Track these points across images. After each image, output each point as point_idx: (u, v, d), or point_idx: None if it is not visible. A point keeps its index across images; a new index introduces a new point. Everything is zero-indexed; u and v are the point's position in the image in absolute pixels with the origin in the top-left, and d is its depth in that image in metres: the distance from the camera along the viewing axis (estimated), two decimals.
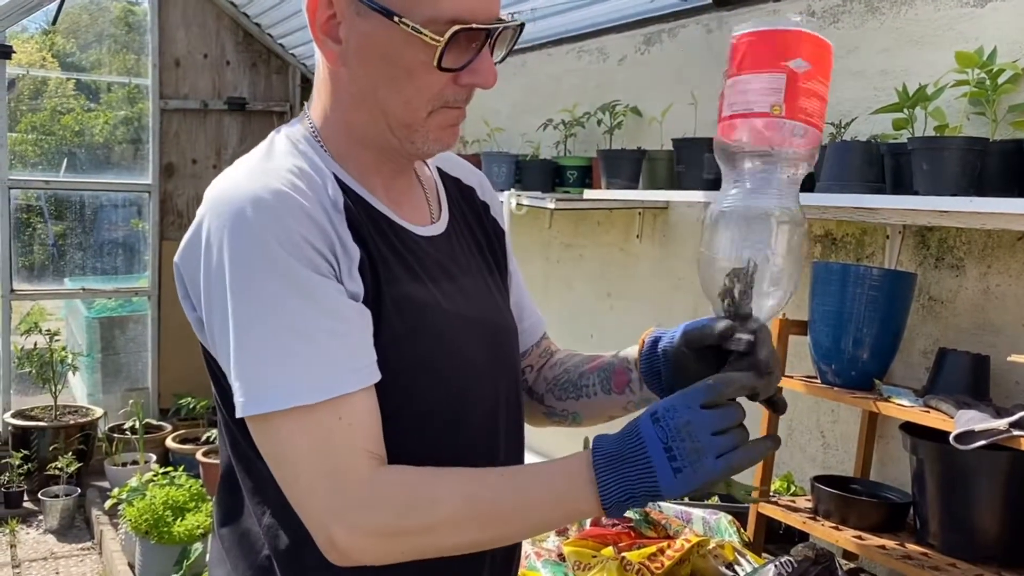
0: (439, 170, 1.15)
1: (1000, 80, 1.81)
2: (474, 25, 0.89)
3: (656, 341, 1.07)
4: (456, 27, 0.88)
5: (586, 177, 3.12)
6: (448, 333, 0.99)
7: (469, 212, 1.14)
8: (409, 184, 1.06)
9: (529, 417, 1.21)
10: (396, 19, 0.88)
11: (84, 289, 5.26)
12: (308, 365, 0.87)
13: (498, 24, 0.92)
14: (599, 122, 3.01)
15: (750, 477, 2.26)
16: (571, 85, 3.40)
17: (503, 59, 0.98)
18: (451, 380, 0.99)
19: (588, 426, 1.19)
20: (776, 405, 1.00)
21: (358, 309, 0.91)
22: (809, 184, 2.17)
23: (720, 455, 0.85)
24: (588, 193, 2.86)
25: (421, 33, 0.88)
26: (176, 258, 0.96)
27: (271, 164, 0.94)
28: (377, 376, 0.91)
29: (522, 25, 0.97)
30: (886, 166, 1.93)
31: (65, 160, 5.33)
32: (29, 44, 5.36)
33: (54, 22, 4.63)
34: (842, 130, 2.11)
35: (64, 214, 5.36)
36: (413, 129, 0.95)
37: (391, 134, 0.96)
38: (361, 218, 0.96)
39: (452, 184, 1.15)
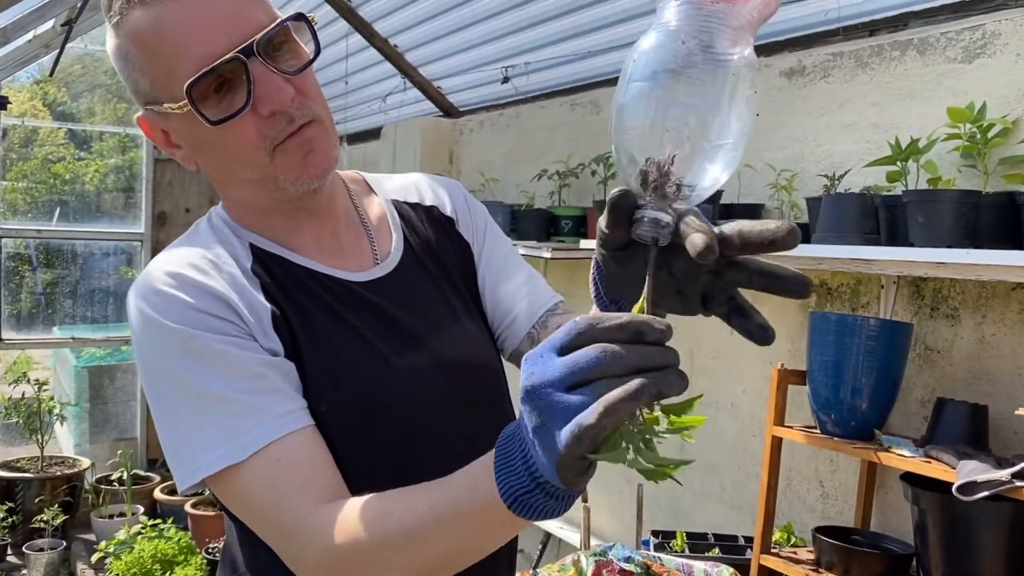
0: (393, 202, 1.11)
1: (990, 134, 1.85)
2: (201, 71, 0.86)
3: None
4: (185, 85, 0.86)
5: (581, 226, 3.15)
6: (380, 374, 0.97)
7: (433, 234, 1.11)
8: (342, 231, 1.04)
9: None
10: (164, 107, 0.90)
11: (74, 338, 5.22)
12: (232, 422, 0.87)
13: (245, 43, 0.87)
14: (593, 173, 3.05)
15: (750, 521, 2.25)
16: (565, 137, 3.44)
17: (316, 54, 0.93)
18: (392, 423, 0.96)
19: None
20: (752, 329, 0.68)
21: (274, 363, 0.91)
22: (805, 235, 2.20)
23: (570, 419, 0.59)
24: (584, 243, 2.88)
25: (175, 109, 0.89)
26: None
27: (180, 250, 0.96)
28: (308, 420, 0.90)
29: (296, 16, 0.92)
30: (881, 218, 1.96)
31: (57, 209, 5.33)
32: (21, 94, 5.39)
33: (51, 73, 4.66)
34: (836, 182, 2.15)
35: (53, 262, 5.34)
36: (272, 177, 0.93)
37: (264, 191, 0.95)
38: (275, 276, 0.96)
39: (409, 211, 1.11)
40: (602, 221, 0.68)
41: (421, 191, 1.15)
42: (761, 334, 0.67)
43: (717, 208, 2.43)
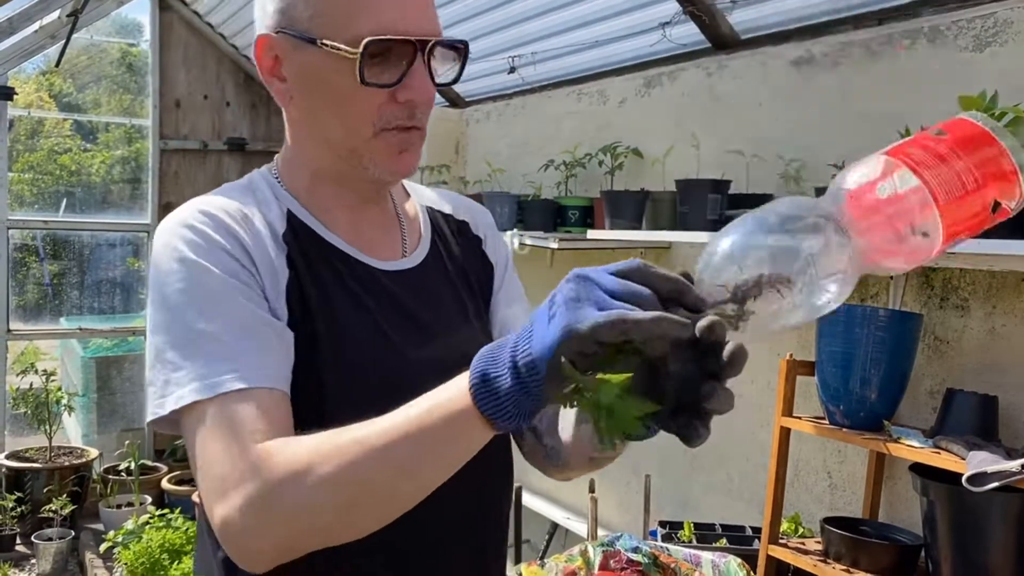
0: (428, 208, 1.15)
1: (1003, 123, 1.84)
2: (388, 36, 0.90)
3: None
4: (368, 39, 0.89)
5: (587, 217, 3.14)
6: (389, 363, 0.97)
7: (458, 246, 1.13)
8: (379, 218, 1.06)
9: (524, 452, 1.15)
10: (319, 43, 0.91)
11: (81, 329, 5.23)
12: (212, 361, 0.86)
13: (425, 37, 0.92)
14: (600, 163, 3.04)
15: (757, 512, 2.25)
16: (571, 127, 3.43)
17: (455, 80, 0.99)
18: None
19: (570, 470, 1.08)
20: (687, 432, 0.71)
21: (273, 324, 0.91)
22: None
23: (602, 308, 0.65)
24: (591, 233, 2.87)
25: (340, 50, 0.90)
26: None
27: (218, 197, 0.98)
28: (285, 388, 0.89)
29: (464, 44, 0.97)
30: None
31: (64, 200, 5.34)
32: (27, 85, 5.39)
33: (58, 64, 4.66)
34: None
35: (60, 253, 5.35)
36: (359, 153, 0.96)
37: (341, 161, 0.98)
38: (304, 248, 0.97)
39: (441, 219, 1.14)
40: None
41: (455, 206, 1.19)
42: (695, 439, 0.72)
43: (726, 198, 2.42)
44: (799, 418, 2.09)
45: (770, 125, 2.54)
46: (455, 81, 0.99)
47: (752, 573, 2.02)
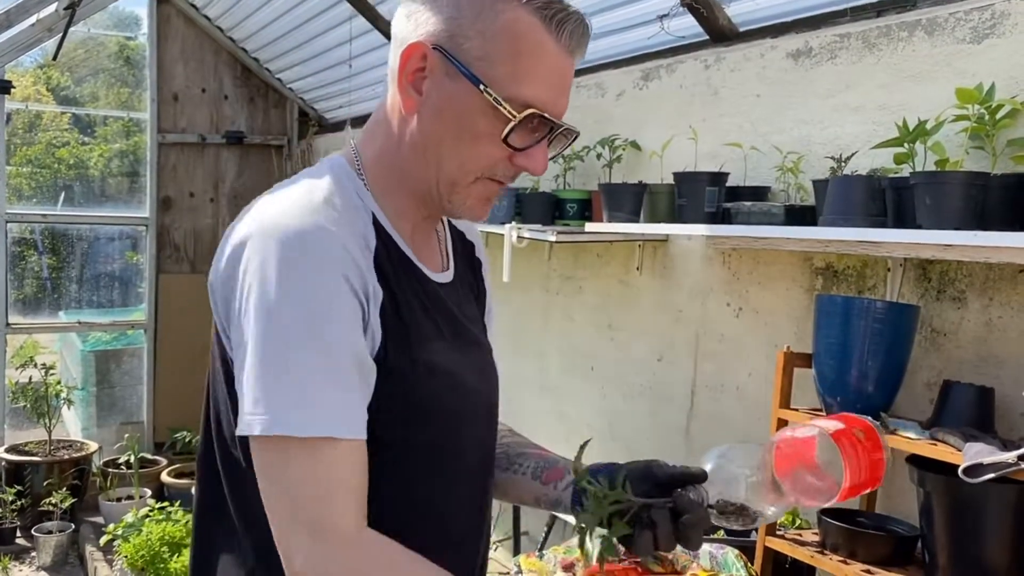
0: (449, 223, 1.20)
1: (999, 115, 1.84)
2: (547, 115, 0.96)
3: (601, 468, 1.11)
4: (532, 111, 0.95)
5: (585, 210, 3.14)
6: (462, 369, 1.06)
7: (467, 266, 1.20)
8: (429, 231, 1.12)
9: None
10: (482, 88, 0.94)
11: (80, 322, 5.24)
12: (327, 401, 0.89)
13: (562, 124, 0.99)
14: (598, 156, 3.04)
15: None
16: (569, 119, 3.42)
17: (554, 157, 1.04)
18: (471, 417, 1.08)
19: (497, 499, 1.22)
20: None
21: (367, 362, 0.94)
22: (812, 217, 2.19)
23: None
24: (589, 226, 2.87)
25: (501, 105, 0.94)
26: (211, 276, 0.99)
27: (316, 197, 0.96)
28: (365, 434, 0.93)
29: (577, 133, 1.04)
30: (888, 200, 1.95)
31: (62, 194, 5.34)
32: (24, 78, 5.38)
33: (55, 57, 4.65)
34: (843, 164, 2.14)
35: (58, 247, 5.35)
36: (456, 190, 1.00)
37: (435, 188, 1.01)
38: (389, 261, 1.00)
39: (458, 238, 1.21)
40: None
41: (466, 227, 1.25)
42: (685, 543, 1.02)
43: (723, 190, 2.43)
44: (796, 410, 2.09)
45: (768, 117, 2.54)
46: (553, 158, 1.05)
47: (749, 564, 2.02)
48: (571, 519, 1.14)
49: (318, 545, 0.88)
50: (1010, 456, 1.58)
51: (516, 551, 3.23)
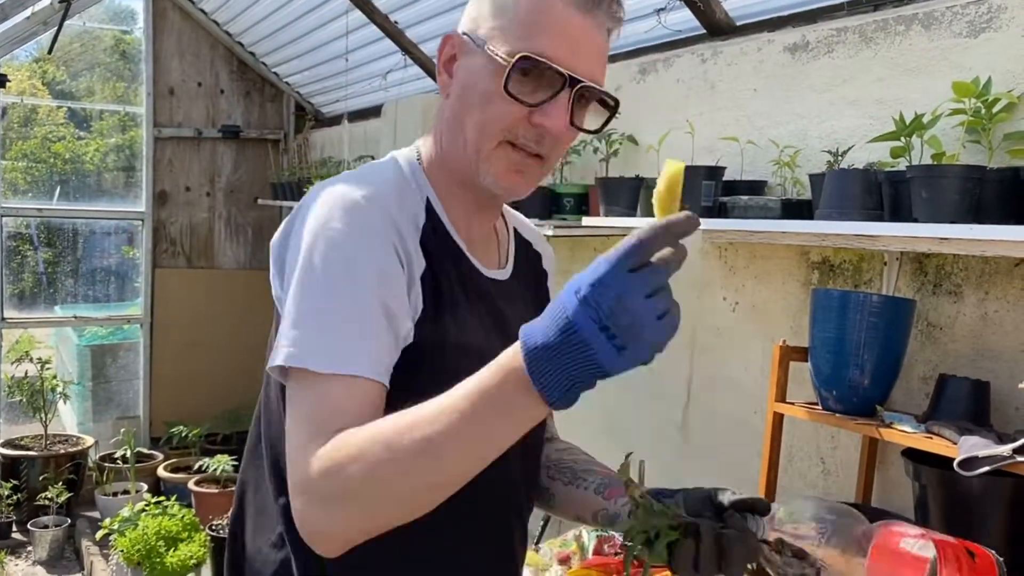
0: (515, 230, 1.24)
1: (995, 109, 1.84)
2: (543, 60, 0.96)
3: (663, 490, 1.13)
4: (524, 54, 0.96)
5: (583, 204, 3.14)
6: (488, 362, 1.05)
7: (531, 273, 1.23)
8: (485, 226, 1.14)
9: None
10: (485, 48, 0.99)
11: (76, 317, 5.23)
12: (351, 342, 0.92)
13: (570, 74, 0.97)
14: (595, 150, 3.03)
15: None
16: None
17: (599, 130, 1.04)
18: None
19: (554, 515, 1.24)
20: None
21: (402, 318, 0.97)
22: (808, 211, 2.19)
23: (660, 316, 0.77)
24: (586, 220, 2.87)
25: (497, 57, 0.97)
26: (273, 240, 1.04)
27: (371, 178, 1.03)
28: (387, 382, 0.96)
29: (616, 101, 1.03)
30: (884, 193, 1.95)
31: (58, 188, 5.32)
32: (19, 72, 5.37)
33: (50, 51, 4.63)
34: (840, 158, 2.14)
35: (54, 242, 5.34)
36: (481, 157, 1.01)
37: (468, 163, 1.03)
38: (436, 241, 1.03)
39: (523, 245, 1.24)
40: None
41: (535, 238, 1.29)
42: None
43: (720, 185, 2.43)
44: (792, 404, 2.09)
45: (764, 111, 2.54)
46: (598, 131, 1.05)
47: None
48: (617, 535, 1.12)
49: (332, 452, 0.88)
50: (1005, 449, 1.58)
51: None
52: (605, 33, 1.03)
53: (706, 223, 2.39)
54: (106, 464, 4.74)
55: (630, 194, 2.72)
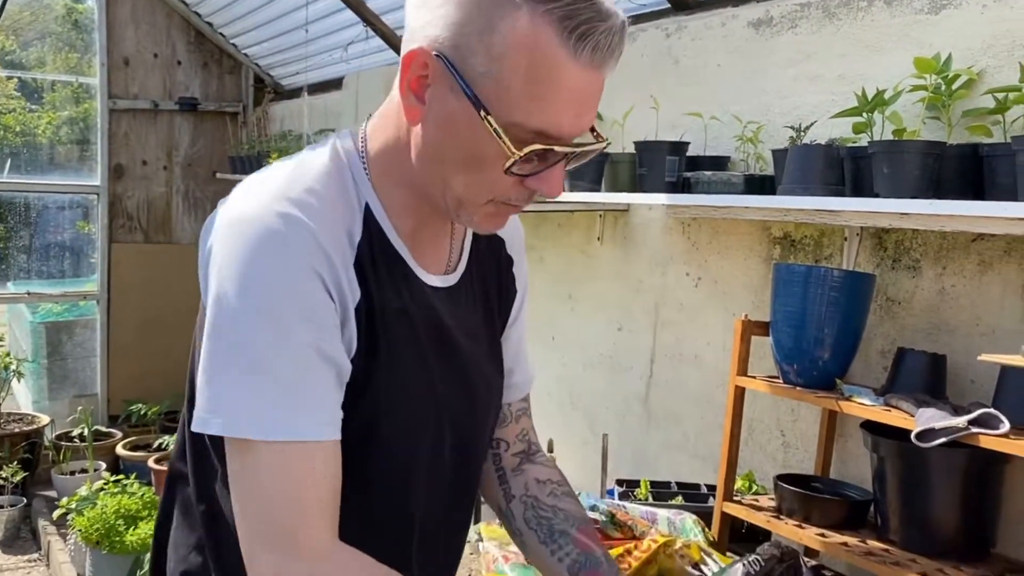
0: None
1: (955, 86, 1.86)
2: (555, 148, 0.87)
3: None
4: (535, 147, 0.86)
5: None
6: (424, 395, 1.01)
7: (489, 263, 1.13)
8: (439, 229, 1.04)
9: (488, 498, 1.26)
10: (483, 115, 0.85)
11: (29, 293, 5.11)
12: (279, 398, 0.86)
13: (577, 148, 0.90)
14: None
15: (712, 470, 2.29)
16: None
17: (575, 167, 0.99)
18: (424, 430, 1.03)
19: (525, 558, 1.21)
20: None
21: (342, 365, 0.91)
22: (771, 186, 2.20)
23: None
24: None
25: (501, 139, 0.85)
26: (199, 254, 0.95)
27: (298, 185, 0.91)
28: (338, 435, 0.90)
29: (607, 145, 0.96)
30: (846, 169, 1.96)
31: (8, 161, 5.18)
32: None
33: None
34: (802, 134, 2.15)
35: (5, 216, 5.21)
36: (463, 208, 0.93)
37: (442, 199, 0.94)
38: (373, 258, 0.94)
39: (484, 235, 1.12)
40: None
41: None
42: None
43: (684, 160, 2.43)
44: (753, 377, 2.12)
45: (728, 87, 2.54)
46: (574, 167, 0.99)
47: (707, 529, 2.05)
48: None
49: (290, 562, 0.86)
50: (960, 421, 1.61)
51: (476, 519, 3.24)
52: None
53: (670, 198, 2.39)
54: (63, 443, 4.66)
55: (594, 169, 2.72)
